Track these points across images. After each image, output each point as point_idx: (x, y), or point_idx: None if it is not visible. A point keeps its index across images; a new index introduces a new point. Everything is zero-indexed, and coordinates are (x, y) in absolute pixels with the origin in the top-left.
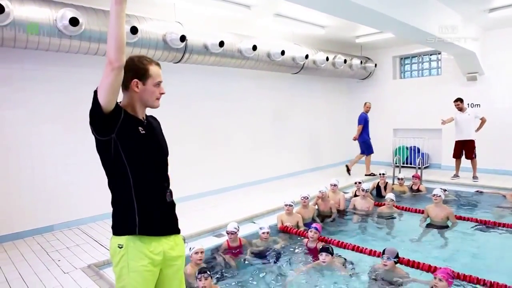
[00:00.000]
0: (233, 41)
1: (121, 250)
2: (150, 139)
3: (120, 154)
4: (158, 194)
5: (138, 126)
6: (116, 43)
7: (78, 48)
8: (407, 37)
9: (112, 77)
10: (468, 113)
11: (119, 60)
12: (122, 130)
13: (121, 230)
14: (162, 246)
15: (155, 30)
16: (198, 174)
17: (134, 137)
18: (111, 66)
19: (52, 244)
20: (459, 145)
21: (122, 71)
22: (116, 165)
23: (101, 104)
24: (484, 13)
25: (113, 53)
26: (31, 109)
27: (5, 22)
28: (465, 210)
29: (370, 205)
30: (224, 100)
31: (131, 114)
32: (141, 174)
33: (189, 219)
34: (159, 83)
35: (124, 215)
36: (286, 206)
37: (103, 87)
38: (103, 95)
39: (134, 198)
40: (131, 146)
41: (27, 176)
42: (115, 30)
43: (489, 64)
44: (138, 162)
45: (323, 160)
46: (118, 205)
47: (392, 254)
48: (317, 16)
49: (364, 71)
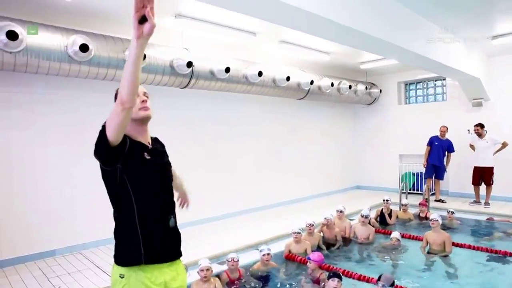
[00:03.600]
0: (239, 67)
1: (122, 280)
2: (155, 164)
3: (125, 182)
4: (162, 222)
5: (143, 151)
6: (132, 85)
7: (87, 73)
8: (409, 63)
9: (122, 116)
10: (487, 140)
11: (131, 102)
12: (128, 159)
13: (124, 261)
14: (164, 277)
15: (162, 56)
16: (203, 199)
17: (139, 164)
18: (122, 107)
19: (53, 270)
20: (477, 171)
21: (132, 110)
22: (121, 193)
23: (109, 140)
24: (487, 40)
25: (126, 94)
26: (38, 131)
27: (18, 48)
28: (473, 238)
29: (370, 232)
30: (230, 124)
31: (135, 140)
32: (145, 201)
33: (193, 245)
34: None
35: (128, 245)
36: (294, 233)
37: (112, 125)
38: (112, 133)
39: (139, 227)
40: (136, 173)
41: (32, 199)
42: (133, 73)
43: (495, 90)
44: (142, 189)
45: (329, 185)
46: (122, 234)
47: (387, 282)
48: (321, 42)
49: (369, 97)
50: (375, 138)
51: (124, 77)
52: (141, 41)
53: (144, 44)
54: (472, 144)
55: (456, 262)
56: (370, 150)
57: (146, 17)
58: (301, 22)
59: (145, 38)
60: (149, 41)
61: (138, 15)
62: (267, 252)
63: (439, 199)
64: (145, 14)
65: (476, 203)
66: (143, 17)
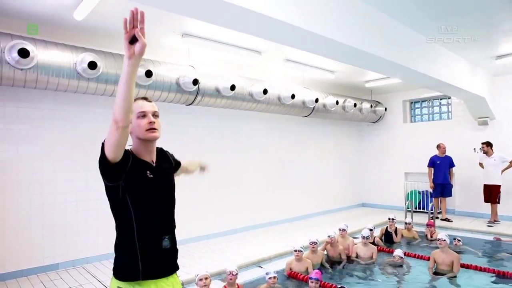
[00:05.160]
0: (244, 84)
1: None
2: (157, 183)
3: (126, 199)
4: (156, 241)
5: (146, 170)
6: (125, 104)
7: (95, 89)
8: (414, 82)
9: (117, 135)
10: (494, 158)
11: (125, 121)
12: (130, 176)
13: (123, 276)
14: None
15: (169, 73)
16: (207, 215)
17: (141, 183)
18: (116, 125)
19: (56, 284)
20: (486, 189)
21: (128, 129)
22: (122, 209)
23: (107, 157)
24: (491, 60)
25: (119, 113)
26: (46, 146)
27: (29, 65)
28: (479, 258)
29: (373, 251)
30: (235, 141)
31: (139, 158)
32: (145, 219)
33: (195, 261)
34: (142, 114)
35: (127, 261)
36: (295, 251)
37: (109, 143)
38: (110, 151)
39: (137, 244)
40: (137, 191)
41: (37, 213)
42: (126, 92)
43: (500, 109)
44: (143, 207)
45: (334, 203)
46: (122, 249)
47: None
48: (326, 61)
49: (374, 115)
50: (380, 156)
51: (117, 97)
52: (132, 61)
53: (136, 64)
54: (481, 163)
55: (461, 283)
56: (375, 168)
57: (136, 37)
58: (305, 42)
59: (137, 58)
60: (156, 58)
61: (128, 35)
62: (274, 276)
63: (445, 218)
64: (135, 34)
65: (491, 223)
66: (134, 37)
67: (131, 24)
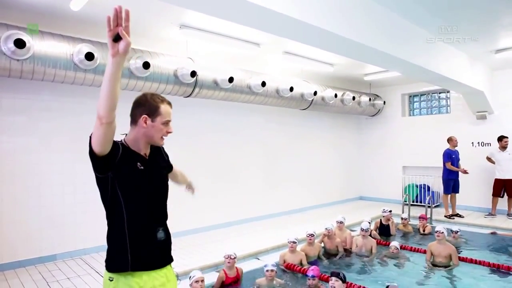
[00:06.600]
0: (243, 77)
1: (111, 282)
2: (148, 175)
3: (116, 191)
4: (150, 233)
5: (137, 161)
6: (109, 102)
7: (92, 81)
8: (413, 76)
9: (102, 131)
10: (509, 152)
11: (108, 118)
12: (119, 168)
13: (113, 267)
14: (153, 282)
15: (166, 65)
16: (205, 207)
17: (131, 174)
18: (99, 121)
19: (54, 274)
20: (500, 183)
21: (112, 124)
22: (112, 201)
23: (94, 150)
24: (490, 54)
25: (103, 110)
26: (43, 138)
27: (25, 56)
28: (477, 252)
29: (373, 245)
30: (233, 134)
31: (133, 149)
32: (135, 212)
33: (192, 253)
34: (167, 122)
35: (117, 253)
36: (289, 243)
37: (95, 138)
38: (96, 145)
39: (127, 236)
40: (127, 182)
41: (34, 204)
42: (110, 89)
43: (499, 103)
44: (133, 199)
45: (332, 196)
46: (112, 241)
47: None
48: (325, 54)
49: (373, 108)
50: (379, 149)
51: (101, 94)
52: (116, 59)
53: (120, 62)
54: (490, 157)
55: (458, 276)
56: (374, 161)
57: (120, 35)
58: (304, 35)
59: (121, 56)
60: (154, 50)
61: (111, 33)
62: (271, 269)
63: (456, 213)
64: (119, 33)
65: (491, 215)
66: (117, 35)
67: (115, 22)
